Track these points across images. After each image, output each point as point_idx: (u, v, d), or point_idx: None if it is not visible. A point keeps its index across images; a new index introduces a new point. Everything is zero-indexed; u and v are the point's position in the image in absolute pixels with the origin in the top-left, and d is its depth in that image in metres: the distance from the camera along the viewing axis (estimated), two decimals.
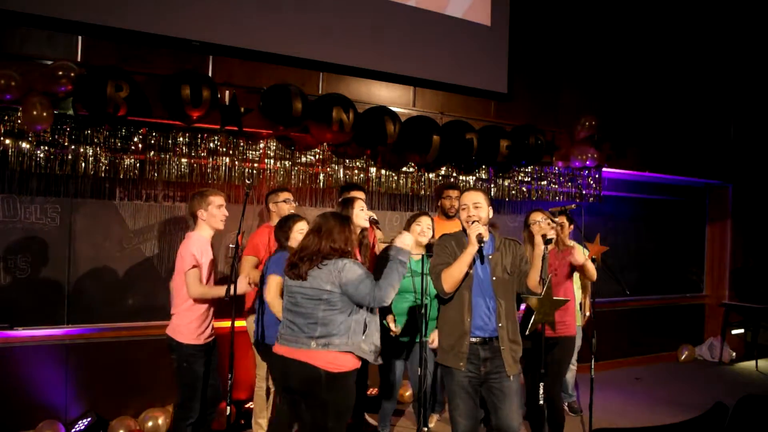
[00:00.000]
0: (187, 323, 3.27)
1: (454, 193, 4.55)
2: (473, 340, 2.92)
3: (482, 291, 2.95)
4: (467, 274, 2.92)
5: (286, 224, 3.42)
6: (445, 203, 4.56)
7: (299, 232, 3.33)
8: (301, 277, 2.76)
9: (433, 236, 3.87)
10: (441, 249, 3.05)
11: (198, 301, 3.30)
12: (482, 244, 2.87)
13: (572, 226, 4.44)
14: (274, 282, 3.29)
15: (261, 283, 3.41)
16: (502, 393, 2.92)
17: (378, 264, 3.76)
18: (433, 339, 3.49)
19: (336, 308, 2.73)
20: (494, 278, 2.96)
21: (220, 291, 3.23)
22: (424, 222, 3.83)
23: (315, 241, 2.79)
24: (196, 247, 3.27)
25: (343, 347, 2.72)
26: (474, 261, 2.93)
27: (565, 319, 3.62)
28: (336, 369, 2.71)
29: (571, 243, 4.53)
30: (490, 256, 3.00)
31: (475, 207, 2.97)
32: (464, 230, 3.04)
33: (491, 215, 3.07)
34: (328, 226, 2.81)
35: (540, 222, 3.68)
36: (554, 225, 3.52)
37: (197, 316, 3.30)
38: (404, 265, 2.78)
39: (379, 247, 4.13)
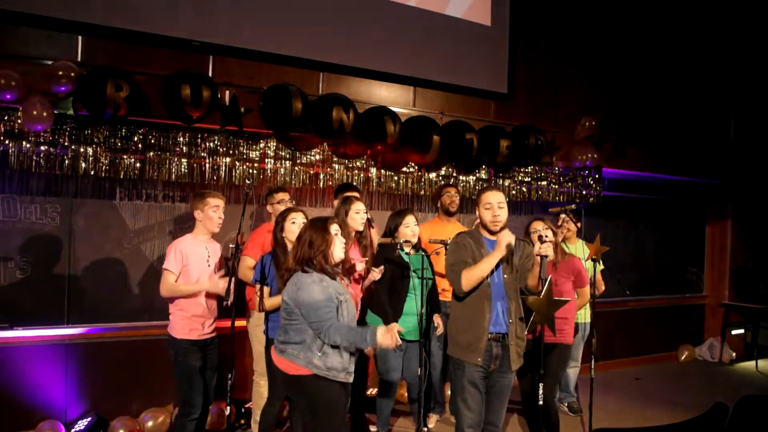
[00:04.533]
0: (179, 320, 3.38)
1: (452, 190, 4.58)
2: (490, 335, 2.98)
3: (496, 290, 3.01)
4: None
5: (280, 216, 3.50)
6: (445, 200, 4.57)
7: (291, 221, 3.42)
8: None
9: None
10: (459, 247, 3.06)
11: (185, 300, 3.37)
12: (511, 252, 2.93)
13: (579, 224, 4.42)
14: (265, 291, 3.36)
15: (262, 281, 3.42)
16: (500, 391, 3.07)
17: (375, 263, 3.77)
18: (438, 323, 3.82)
19: (293, 320, 2.74)
20: (505, 276, 3.02)
21: (191, 287, 3.34)
22: (411, 221, 3.80)
23: (295, 250, 2.82)
24: (175, 249, 3.37)
25: (294, 359, 2.73)
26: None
27: (563, 327, 3.62)
28: (293, 372, 2.74)
29: (577, 243, 4.53)
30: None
31: (500, 207, 3.01)
32: (486, 229, 3.07)
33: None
34: (306, 235, 2.81)
35: (540, 231, 3.65)
36: (552, 239, 3.48)
37: (189, 315, 3.38)
38: (365, 346, 2.71)
39: (375, 245, 4.12)
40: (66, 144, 3.73)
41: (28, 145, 3.62)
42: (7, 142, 3.57)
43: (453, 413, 4.39)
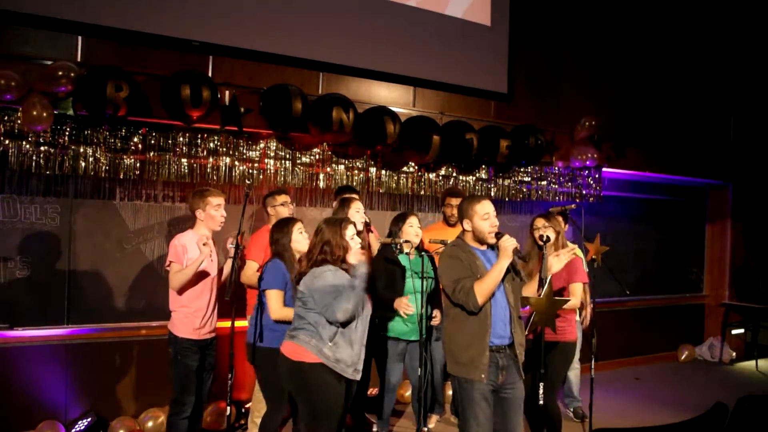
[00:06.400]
0: (182, 317, 3.37)
1: (455, 201, 4.51)
2: (493, 348, 2.87)
3: (498, 300, 2.91)
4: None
5: (286, 227, 3.34)
6: (447, 211, 4.55)
7: (298, 231, 3.33)
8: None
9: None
10: (456, 263, 2.92)
11: (191, 297, 3.36)
12: (519, 256, 2.89)
13: (567, 226, 4.40)
14: (274, 297, 3.21)
15: (259, 286, 3.36)
16: (513, 404, 2.93)
17: (374, 264, 3.77)
18: (436, 315, 3.83)
19: (308, 307, 2.84)
20: (506, 285, 2.94)
21: (194, 266, 3.28)
22: (415, 221, 3.84)
23: (313, 247, 2.94)
24: (177, 244, 3.37)
25: (305, 344, 2.81)
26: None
27: (561, 324, 3.60)
28: (296, 357, 2.80)
29: (570, 246, 4.52)
30: None
31: (495, 216, 2.97)
32: (477, 239, 2.99)
33: None
34: (323, 232, 2.92)
35: (541, 229, 3.65)
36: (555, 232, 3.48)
37: (192, 311, 3.38)
38: (355, 290, 2.75)
39: (375, 247, 4.12)
40: (66, 144, 3.72)
41: (27, 146, 3.62)
42: (7, 142, 3.57)
43: (454, 413, 4.39)
